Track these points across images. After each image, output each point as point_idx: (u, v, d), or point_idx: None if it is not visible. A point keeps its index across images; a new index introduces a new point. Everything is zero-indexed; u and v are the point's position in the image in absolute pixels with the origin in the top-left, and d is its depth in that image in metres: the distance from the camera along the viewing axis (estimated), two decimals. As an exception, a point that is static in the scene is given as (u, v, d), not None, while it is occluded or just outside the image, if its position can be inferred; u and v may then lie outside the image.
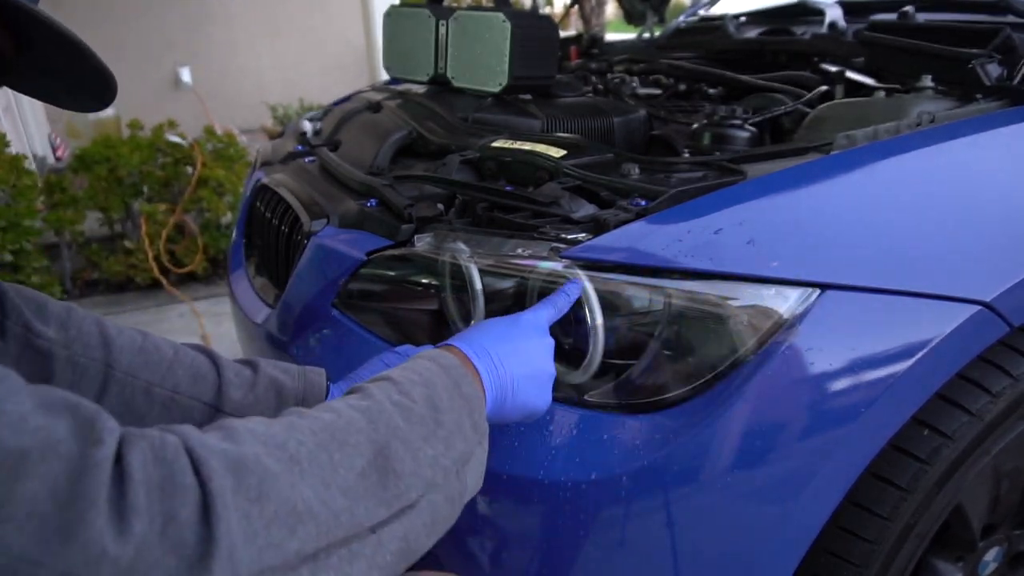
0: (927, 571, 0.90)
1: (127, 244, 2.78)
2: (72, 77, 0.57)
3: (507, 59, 1.18)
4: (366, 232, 0.94)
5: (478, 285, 0.79)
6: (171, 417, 0.69)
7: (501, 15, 1.17)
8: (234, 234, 1.40)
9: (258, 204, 1.25)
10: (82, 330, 0.68)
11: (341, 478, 0.47)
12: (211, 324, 2.50)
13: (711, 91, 1.46)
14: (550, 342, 0.69)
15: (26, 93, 0.61)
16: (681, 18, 2.13)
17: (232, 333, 1.44)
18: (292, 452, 0.45)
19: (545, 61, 1.25)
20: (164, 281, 2.73)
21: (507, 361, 0.64)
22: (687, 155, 1.07)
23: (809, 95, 1.19)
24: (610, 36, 2.42)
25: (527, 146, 0.97)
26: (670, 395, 0.71)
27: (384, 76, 1.73)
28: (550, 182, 0.89)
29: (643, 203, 0.79)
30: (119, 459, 0.38)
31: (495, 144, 1.01)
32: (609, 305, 0.72)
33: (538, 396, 0.67)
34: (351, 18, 5.90)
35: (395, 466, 0.50)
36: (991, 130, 0.87)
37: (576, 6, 4.03)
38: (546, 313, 0.70)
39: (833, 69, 1.33)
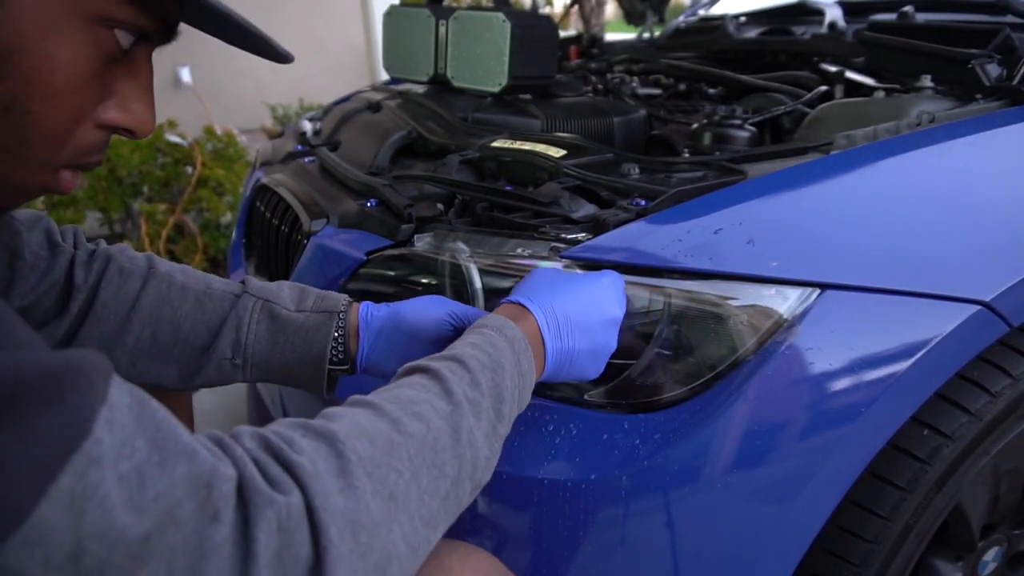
0: (927, 571, 0.90)
1: (127, 244, 2.79)
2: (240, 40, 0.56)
3: (507, 59, 1.18)
4: (366, 232, 0.94)
5: (478, 285, 0.79)
6: (203, 307, 0.71)
7: (501, 15, 1.17)
8: (234, 234, 1.40)
9: (258, 204, 1.25)
10: (128, 248, 0.75)
11: (426, 507, 0.46)
12: (211, 324, 2.50)
13: (711, 91, 1.46)
14: (619, 315, 0.68)
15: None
16: (681, 18, 2.13)
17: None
18: (392, 488, 0.44)
19: (545, 61, 1.25)
20: (164, 281, 2.73)
21: (575, 334, 0.64)
22: (687, 155, 1.07)
23: (809, 95, 1.19)
24: (610, 36, 2.42)
25: (527, 146, 0.97)
26: (670, 395, 0.71)
27: (384, 76, 1.73)
28: (550, 182, 0.89)
29: (643, 203, 0.79)
30: (246, 531, 0.37)
31: (495, 144, 1.01)
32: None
33: (592, 368, 0.67)
34: (351, 18, 5.89)
35: (463, 475, 0.50)
36: (991, 130, 0.87)
37: (576, 6, 4.03)
38: (618, 283, 0.69)
39: (833, 69, 1.33)
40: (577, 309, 0.64)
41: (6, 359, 0.33)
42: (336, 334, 0.71)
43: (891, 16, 1.42)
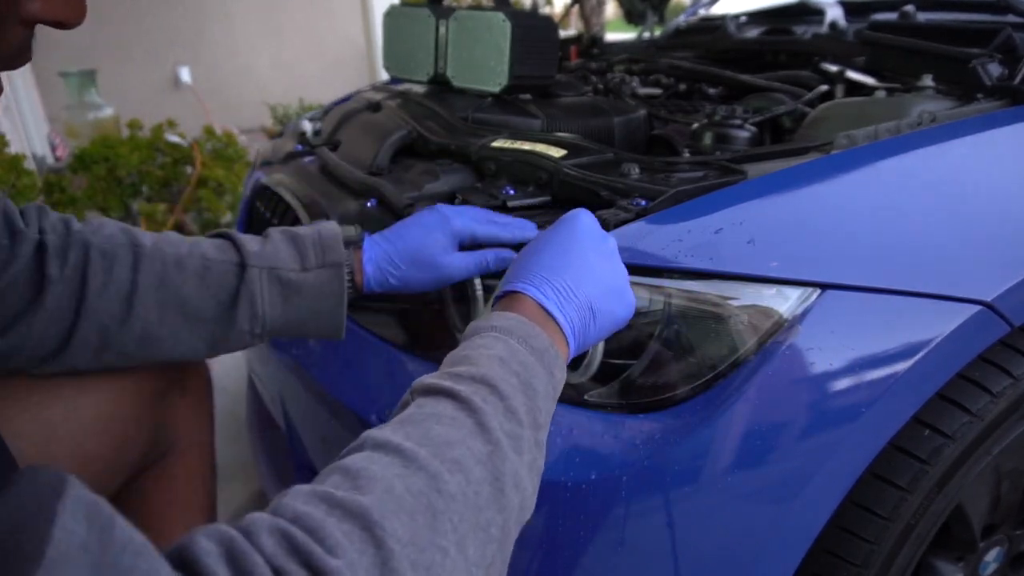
0: (927, 571, 0.90)
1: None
2: None
3: (507, 59, 1.18)
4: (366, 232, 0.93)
5: (478, 284, 0.79)
6: (207, 282, 0.70)
7: (501, 15, 1.17)
8: (234, 234, 1.40)
9: (258, 204, 1.25)
10: (102, 223, 0.71)
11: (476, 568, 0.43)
12: (211, 324, 2.49)
13: (711, 91, 1.46)
14: (611, 243, 0.66)
15: None
16: (681, 18, 2.13)
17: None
18: (438, 572, 0.39)
19: (545, 61, 1.24)
20: (164, 281, 2.73)
21: (581, 288, 0.60)
22: (687, 155, 1.07)
23: (809, 95, 1.19)
24: (610, 36, 2.42)
25: (527, 146, 0.97)
26: (670, 395, 0.71)
27: (384, 76, 1.72)
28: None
29: (643, 203, 0.79)
30: None
31: (495, 144, 1.01)
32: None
33: (620, 305, 0.64)
34: (351, 18, 5.90)
35: (510, 525, 0.47)
36: (992, 130, 0.87)
37: (576, 6, 4.03)
38: (587, 219, 0.67)
39: (833, 69, 1.33)
40: (593, 288, 0.61)
41: None
42: (347, 280, 0.74)
43: (892, 15, 1.42)
